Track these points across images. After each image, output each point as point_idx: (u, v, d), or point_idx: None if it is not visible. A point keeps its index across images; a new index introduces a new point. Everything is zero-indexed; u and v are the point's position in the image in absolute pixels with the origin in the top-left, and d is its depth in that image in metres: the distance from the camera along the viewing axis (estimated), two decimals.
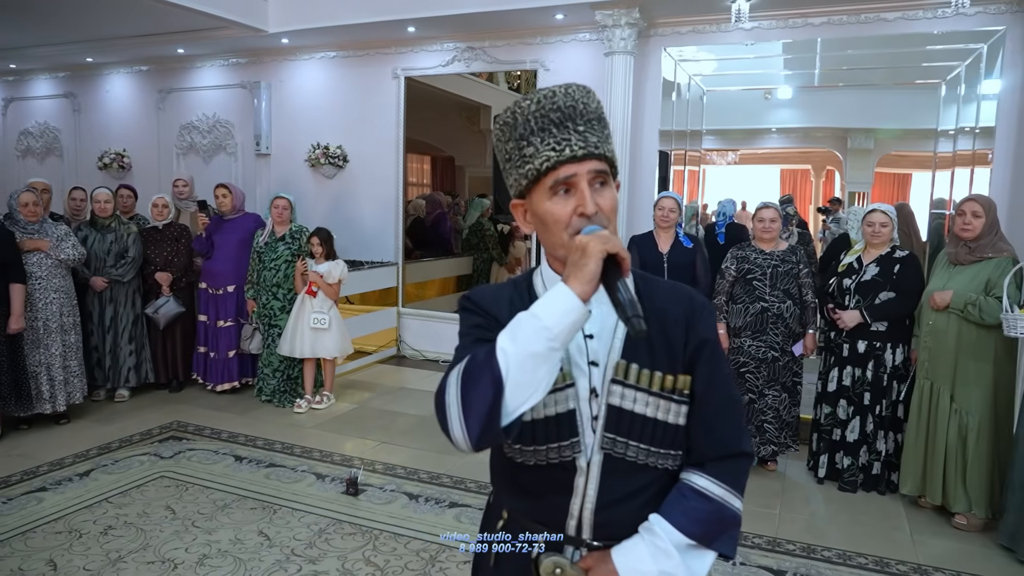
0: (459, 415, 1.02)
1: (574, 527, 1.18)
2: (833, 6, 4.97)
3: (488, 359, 1.01)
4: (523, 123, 1.15)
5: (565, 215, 1.12)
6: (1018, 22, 4.63)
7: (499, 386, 0.99)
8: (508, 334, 1.02)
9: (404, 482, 3.83)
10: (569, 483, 1.18)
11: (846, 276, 3.90)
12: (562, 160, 1.11)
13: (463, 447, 1.04)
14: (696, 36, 5.43)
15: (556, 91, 1.15)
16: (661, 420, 1.17)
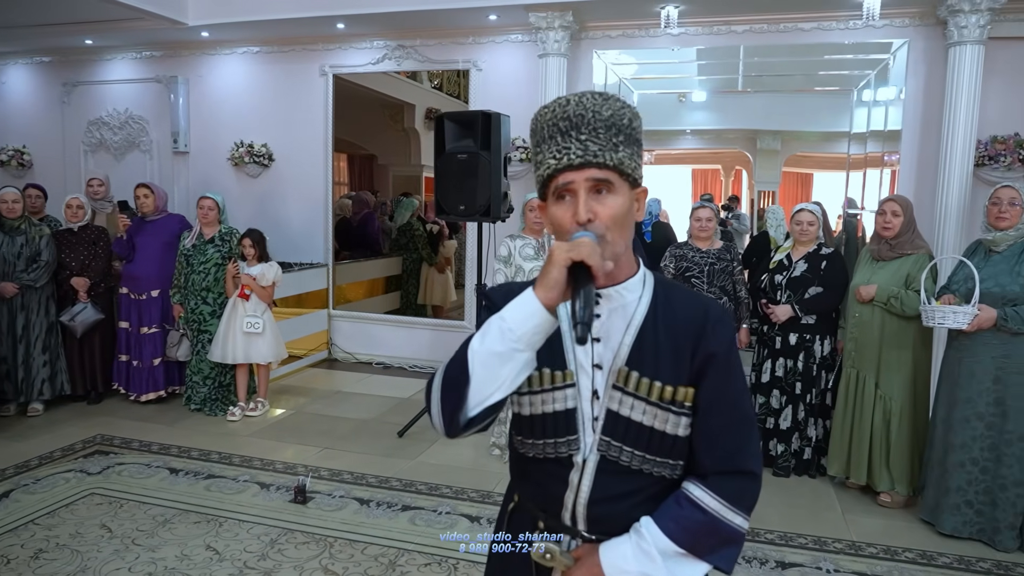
0: (438, 404, 1.13)
1: (569, 518, 1.23)
2: (754, 15, 5.20)
3: (461, 355, 1.10)
4: (539, 131, 1.22)
5: (566, 220, 1.16)
6: (920, 35, 4.99)
7: (466, 382, 1.08)
8: (479, 334, 1.10)
9: (353, 487, 3.76)
10: (565, 477, 1.22)
11: (777, 272, 4.10)
12: (560, 168, 1.16)
13: (440, 433, 1.15)
14: (626, 40, 5.57)
15: (570, 99, 1.19)
16: (658, 429, 1.19)
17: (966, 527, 3.23)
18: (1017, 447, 3.10)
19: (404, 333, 6.46)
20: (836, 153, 6.67)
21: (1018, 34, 4.74)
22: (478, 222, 4.52)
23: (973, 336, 3.15)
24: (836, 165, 6.67)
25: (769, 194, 8.56)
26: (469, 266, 6.17)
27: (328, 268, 6.46)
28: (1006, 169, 4.79)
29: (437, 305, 7.61)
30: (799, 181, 9.68)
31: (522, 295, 1.08)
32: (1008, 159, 4.78)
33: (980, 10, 4.49)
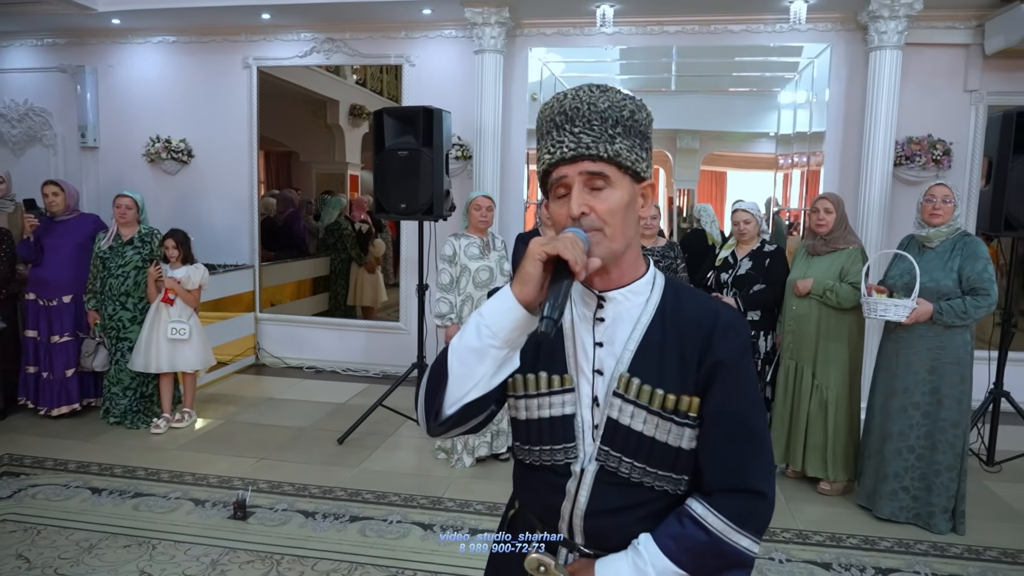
0: (422, 402, 1.11)
1: (566, 529, 1.18)
2: (686, 16, 5.30)
3: (443, 353, 1.08)
4: (539, 126, 1.18)
5: (563, 216, 1.12)
6: (842, 39, 5.20)
7: (444, 379, 1.06)
8: (460, 330, 1.08)
9: (295, 499, 3.58)
10: (562, 487, 1.17)
11: (723, 271, 4.17)
12: (554, 163, 1.12)
13: (424, 431, 1.13)
14: (561, 38, 5.56)
15: (567, 94, 1.15)
16: (660, 440, 1.13)
17: (903, 512, 3.38)
18: (950, 433, 3.25)
19: (336, 335, 6.26)
20: (753, 152, 6.86)
21: (931, 40, 5.02)
22: (419, 221, 4.40)
23: (910, 329, 3.29)
24: (752, 164, 6.87)
25: (687, 192, 8.78)
26: (405, 266, 6.03)
27: (255, 270, 6.18)
28: (921, 168, 5.06)
29: (367, 306, 7.41)
30: (713, 179, 9.99)
31: (499, 292, 1.05)
32: (923, 159, 5.05)
33: (898, 16, 4.71)
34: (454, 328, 3.92)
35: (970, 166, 5.13)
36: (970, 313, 3.17)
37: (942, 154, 5.03)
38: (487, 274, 3.97)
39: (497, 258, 4.03)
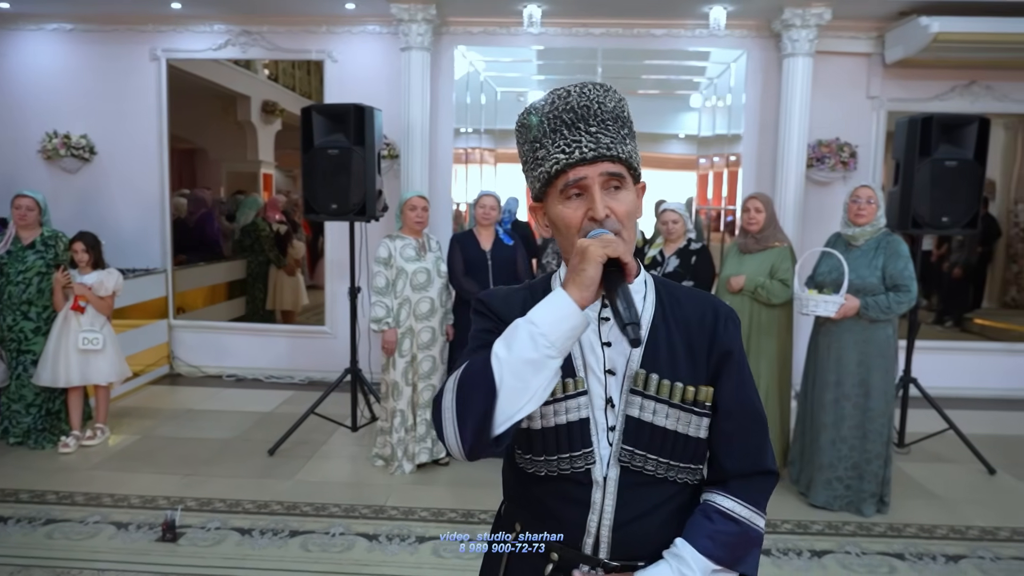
0: (453, 423, 1.01)
1: (591, 545, 1.14)
2: (611, 19, 5.39)
3: (483, 366, 0.99)
4: (537, 125, 1.13)
5: (576, 219, 1.10)
6: (757, 46, 5.43)
7: (492, 394, 0.97)
8: (503, 340, 1.00)
9: (229, 516, 3.40)
10: (585, 498, 1.13)
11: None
12: (572, 163, 1.09)
13: (457, 455, 1.03)
14: (487, 37, 5.54)
15: (571, 91, 1.12)
16: (682, 433, 1.14)
17: (836, 501, 3.54)
18: (878, 423, 3.45)
19: (258, 341, 6.01)
20: (671, 153, 7.04)
21: (838, 49, 5.31)
22: (351, 222, 4.27)
23: (839, 323, 3.46)
24: (668, 164, 7.04)
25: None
26: (330, 268, 5.85)
27: (167, 274, 5.85)
28: (830, 170, 5.35)
29: (288, 310, 7.15)
30: None
31: (551, 297, 0.99)
32: (832, 161, 5.33)
33: (809, 26, 4.96)
34: (391, 333, 3.83)
35: (873, 167, 5.46)
36: (893, 308, 3.37)
37: (849, 156, 5.33)
38: (424, 276, 3.90)
39: (434, 259, 3.97)
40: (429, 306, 3.91)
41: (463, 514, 3.48)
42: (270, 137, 7.75)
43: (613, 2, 5.07)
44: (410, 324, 3.88)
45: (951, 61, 5.04)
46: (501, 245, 4.21)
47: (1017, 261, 6.38)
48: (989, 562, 3.11)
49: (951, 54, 4.86)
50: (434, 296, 3.93)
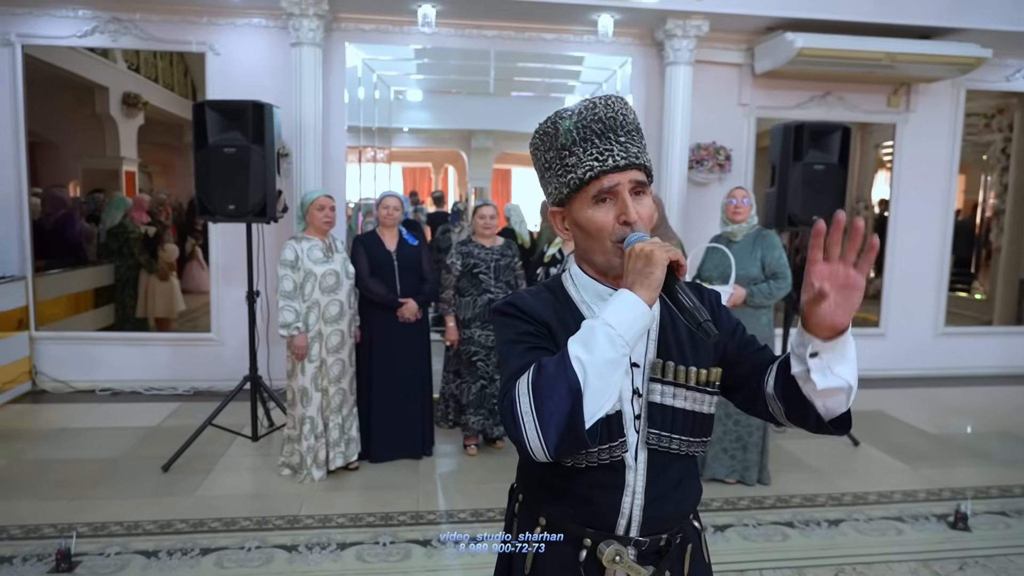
0: (535, 425, 1.04)
1: (624, 525, 1.22)
2: (504, 21, 5.48)
3: (562, 368, 1.04)
4: (564, 133, 1.20)
5: (608, 223, 1.18)
6: (640, 53, 5.71)
7: (577, 394, 1.02)
8: (580, 343, 1.06)
9: (129, 540, 3.18)
10: (619, 482, 1.21)
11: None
12: (606, 170, 1.17)
13: (541, 456, 1.06)
14: (380, 35, 5.47)
15: (596, 103, 1.21)
16: (697, 412, 1.25)
17: (725, 471, 3.85)
18: None
19: (135, 351, 5.61)
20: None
21: (714, 59, 5.69)
22: (248, 223, 4.10)
23: None
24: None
25: (480, 190, 9.12)
26: (216, 272, 5.56)
27: (27, 282, 5.33)
28: (708, 172, 5.74)
29: (162, 317, 6.71)
30: (500, 177, 10.49)
31: (621, 299, 1.07)
32: (710, 163, 5.72)
33: (689, 36, 5.29)
34: (301, 337, 3.72)
35: (745, 169, 5.91)
36: (774, 294, 3.70)
37: (725, 159, 5.74)
38: (334, 278, 3.81)
39: (342, 261, 3.89)
40: (338, 309, 3.84)
41: (381, 517, 3.45)
42: (132, 132, 7.22)
43: (506, 5, 5.16)
44: (319, 328, 3.79)
45: (811, 74, 5.55)
46: (406, 245, 4.19)
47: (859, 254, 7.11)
48: (863, 523, 3.49)
49: (812, 67, 5.35)
50: (343, 298, 3.85)
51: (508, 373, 1.14)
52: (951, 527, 3.43)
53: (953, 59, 5.32)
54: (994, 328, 6.76)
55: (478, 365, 4.27)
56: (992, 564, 3.10)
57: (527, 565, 1.28)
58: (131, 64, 7.15)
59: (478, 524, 3.40)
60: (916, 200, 6.24)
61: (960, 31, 5.37)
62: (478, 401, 4.30)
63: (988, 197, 7.90)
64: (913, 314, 6.33)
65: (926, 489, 3.89)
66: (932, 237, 6.32)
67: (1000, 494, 3.85)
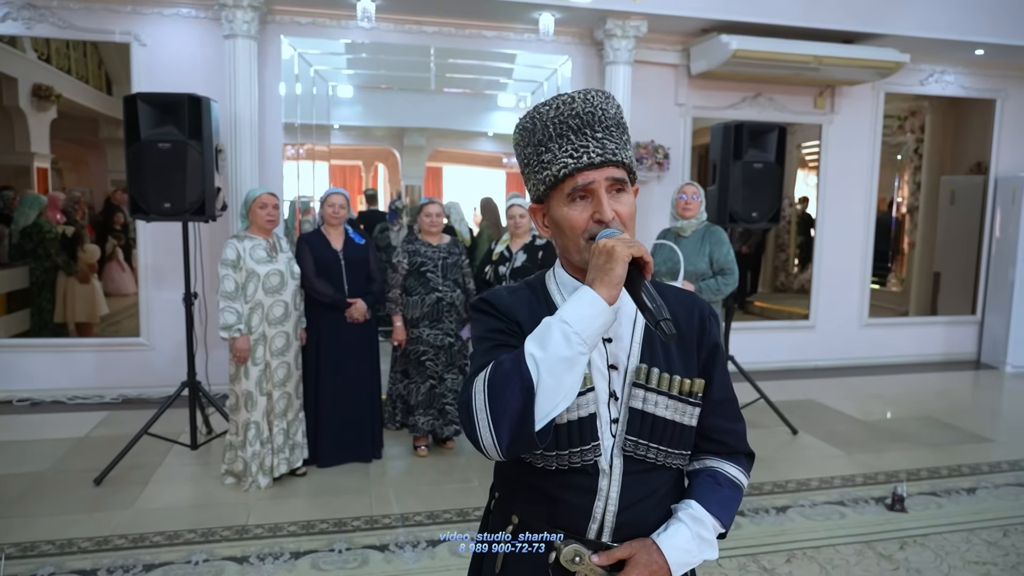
0: (488, 423, 1.02)
1: (595, 530, 1.19)
2: (444, 18, 5.43)
3: (516, 366, 1.02)
4: (541, 129, 1.16)
5: (582, 221, 1.15)
6: (580, 52, 5.76)
7: (529, 392, 1.00)
8: (536, 340, 1.03)
9: (63, 559, 2.99)
10: (592, 487, 1.18)
11: (500, 264, 4.39)
12: (580, 167, 1.13)
13: (493, 455, 1.04)
14: (316, 29, 5.33)
15: (575, 97, 1.17)
16: (678, 423, 1.22)
17: None
18: None
19: (56, 359, 5.29)
20: (480, 150, 7.20)
21: (652, 60, 5.80)
22: (184, 222, 3.91)
23: None
24: (474, 160, 7.22)
25: (415, 188, 9.03)
26: (145, 273, 5.29)
27: None
28: (648, 170, 5.84)
29: (83, 322, 6.34)
30: (432, 175, 10.42)
31: (579, 296, 1.03)
32: (649, 161, 5.83)
33: (628, 36, 5.37)
34: (244, 340, 3.57)
35: (682, 168, 6.05)
36: (722, 289, 3.79)
37: (663, 157, 5.86)
38: (278, 279, 3.68)
39: (286, 260, 3.76)
40: (283, 310, 3.71)
41: (335, 523, 3.36)
42: (44, 126, 6.80)
43: (446, 2, 5.12)
44: (263, 330, 3.65)
45: (744, 75, 5.73)
46: (353, 244, 4.10)
47: (785, 250, 7.42)
48: (809, 508, 3.62)
49: (745, 69, 5.52)
50: (288, 299, 3.73)
51: (471, 370, 1.12)
52: (889, 509, 3.60)
53: (874, 63, 5.59)
54: (911, 319, 7.14)
55: (427, 365, 4.21)
56: (929, 543, 3.27)
57: (497, 564, 1.25)
58: (41, 54, 6.73)
59: (435, 526, 3.35)
60: (841, 198, 6.53)
61: (881, 36, 5.65)
62: (427, 401, 4.24)
63: (900, 195, 8.35)
64: (839, 306, 6.62)
65: (863, 474, 4.07)
66: (856, 233, 6.63)
67: (929, 475, 4.07)
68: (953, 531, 3.39)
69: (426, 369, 4.22)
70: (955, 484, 3.95)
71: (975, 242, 7.06)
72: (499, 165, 6.59)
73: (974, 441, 4.69)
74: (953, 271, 7.30)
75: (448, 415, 4.28)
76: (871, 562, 3.08)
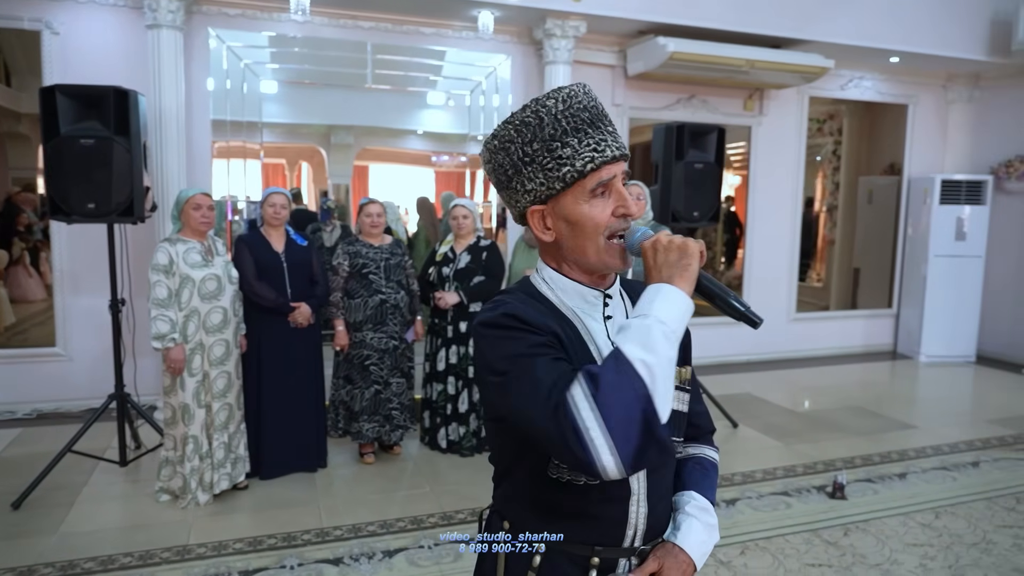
0: (606, 440, 0.95)
1: (631, 536, 1.18)
2: (381, 13, 5.30)
3: (623, 374, 0.96)
4: (551, 123, 1.12)
5: (605, 218, 1.12)
6: (518, 52, 5.74)
7: (648, 399, 0.95)
8: (637, 344, 0.97)
9: None
10: (625, 493, 1.16)
11: (444, 265, 4.31)
12: (606, 160, 1.11)
13: (613, 471, 0.96)
14: (246, 21, 5.10)
15: (576, 90, 1.15)
16: (682, 411, 1.23)
17: None
18: None
19: None
20: (409, 149, 7.08)
21: (590, 60, 5.84)
22: (110, 224, 3.66)
23: None
24: (403, 159, 7.10)
25: (341, 188, 8.84)
26: (61, 279, 4.93)
27: None
28: None
29: None
30: (358, 174, 10.25)
31: (666, 295, 1.01)
32: None
33: (567, 36, 5.39)
34: (179, 350, 3.37)
35: None
36: None
37: None
38: (215, 284, 3.49)
39: (223, 264, 3.57)
40: (221, 317, 3.52)
41: (284, 538, 3.21)
42: None
43: None
44: (200, 338, 3.46)
45: (679, 77, 5.84)
46: (295, 246, 3.94)
47: (711, 247, 7.63)
48: (756, 500, 3.71)
49: (680, 71, 5.63)
50: (226, 305, 3.54)
51: (540, 389, 1.01)
52: (830, 497, 3.73)
53: (801, 68, 5.80)
54: (833, 313, 7.47)
55: (371, 369, 4.10)
56: (870, 528, 3.41)
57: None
58: None
59: (389, 536, 3.25)
60: (769, 198, 6.76)
61: (807, 43, 5.87)
62: (372, 407, 4.12)
63: (819, 195, 8.73)
64: (769, 302, 6.84)
65: (803, 464, 4.21)
66: (783, 231, 6.88)
67: (863, 463, 4.25)
68: (890, 516, 3.54)
69: (370, 374, 4.10)
70: (887, 470, 4.14)
71: (891, 239, 7.45)
72: (427, 163, 6.48)
73: (899, 428, 4.93)
74: (871, 267, 7.67)
75: (394, 420, 4.18)
76: (819, 550, 3.18)
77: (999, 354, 7.03)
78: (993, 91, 7.09)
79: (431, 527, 3.35)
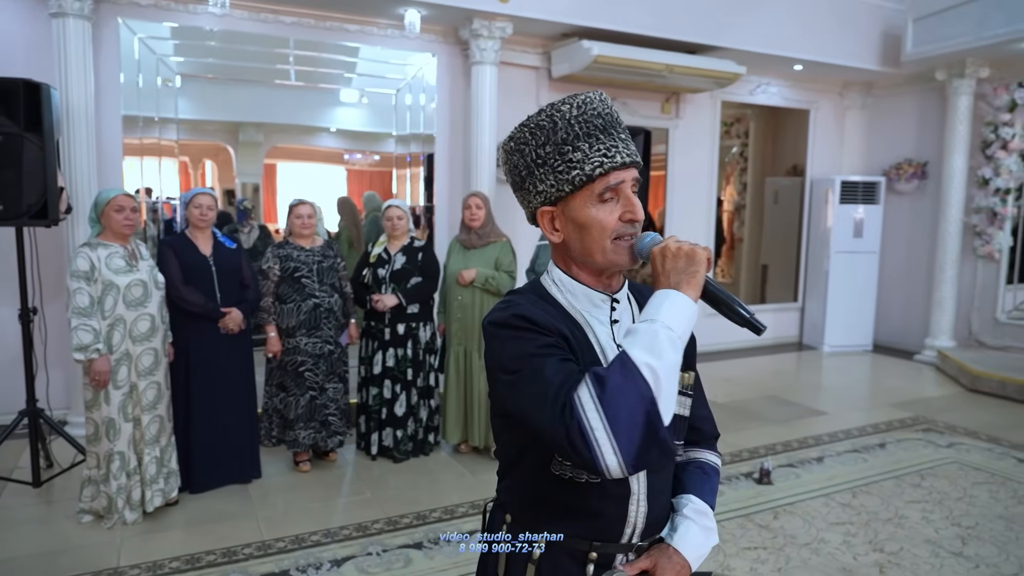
0: (610, 440, 0.98)
1: (630, 534, 1.22)
2: (303, 8, 5.16)
3: (629, 377, 0.99)
4: (565, 127, 1.16)
5: (612, 222, 1.16)
6: (444, 51, 5.72)
7: (652, 402, 0.99)
8: (643, 348, 1.01)
9: None
10: (625, 492, 1.20)
11: (379, 267, 4.26)
12: (615, 166, 1.15)
13: (616, 471, 1.00)
14: (159, 12, 4.85)
15: (591, 97, 1.19)
16: (684, 415, 1.27)
17: None
18: None
19: None
20: (321, 147, 6.96)
21: (515, 61, 5.89)
22: (20, 227, 3.41)
23: None
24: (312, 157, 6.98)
25: (250, 186, 8.58)
26: None
27: None
28: None
29: None
30: (266, 172, 9.97)
31: (673, 301, 1.05)
32: None
33: (494, 37, 5.41)
34: (103, 361, 3.17)
35: None
36: None
37: None
38: (140, 290, 3.31)
39: (148, 269, 3.39)
40: (149, 324, 3.34)
41: (223, 554, 3.09)
42: None
43: None
44: (126, 348, 3.27)
45: (601, 79, 5.98)
46: (223, 249, 3.79)
47: None
48: None
49: (604, 74, 5.76)
50: (154, 312, 3.37)
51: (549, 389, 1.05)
52: (758, 483, 3.93)
53: (716, 73, 6.06)
54: None
55: (306, 376, 4.00)
56: (796, 510, 3.62)
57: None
58: None
59: (335, 545, 3.19)
60: (685, 198, 7.03)
61: (721, 49, 6.13)
62: (308, 414, 4.02)
63: (725, 194, 9.15)
64: None
65: (729, 452, 4.41)
66: (698, 230, 7.16)
67: (784, 449, 4.50)
68: (813, 497, 3.77)
69: (305, 380, 4.00)
70: (806, 455, 4.40)
71: (795, 237, 7.89)
72: (340, 162, 6.37)
73: (812, 415, 5.25)
74: (778, 263, 8.11)
75: (331, 426, 4.10)
76: (753, 533, 3.36)
77: (893, 343, 7.59)
78: (884, 99, 7.64)
79: (377, 533, 3.30)
